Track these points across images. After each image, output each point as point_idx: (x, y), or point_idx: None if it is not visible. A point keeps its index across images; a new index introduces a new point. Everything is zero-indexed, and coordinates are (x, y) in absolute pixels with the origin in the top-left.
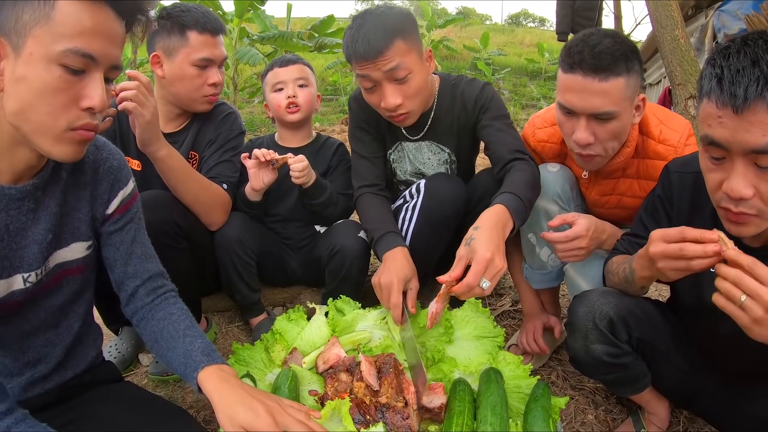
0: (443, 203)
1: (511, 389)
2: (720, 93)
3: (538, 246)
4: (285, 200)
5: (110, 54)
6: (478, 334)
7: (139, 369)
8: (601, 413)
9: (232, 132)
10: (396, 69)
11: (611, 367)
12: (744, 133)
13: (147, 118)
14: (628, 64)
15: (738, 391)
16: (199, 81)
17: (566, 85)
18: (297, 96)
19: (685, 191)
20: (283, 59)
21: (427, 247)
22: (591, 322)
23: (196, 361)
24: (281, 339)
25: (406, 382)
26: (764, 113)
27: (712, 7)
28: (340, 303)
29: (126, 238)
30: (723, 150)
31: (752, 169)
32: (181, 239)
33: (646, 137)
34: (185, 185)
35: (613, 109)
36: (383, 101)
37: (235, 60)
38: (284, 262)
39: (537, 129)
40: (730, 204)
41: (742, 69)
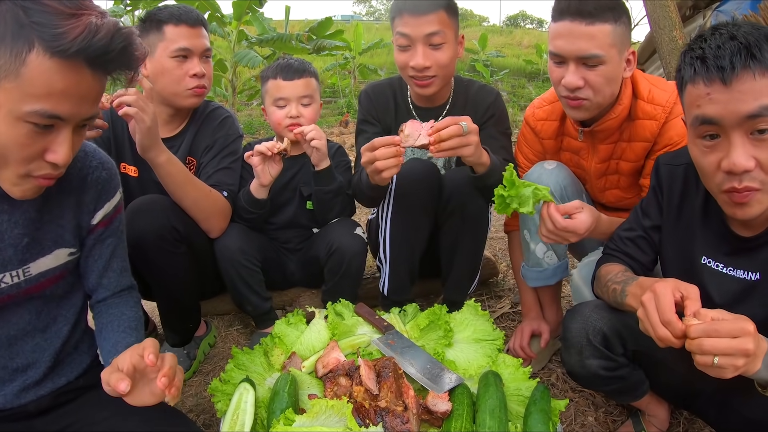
0: (415, 185)
1: (510, 392)
2: (706, 70)
3: (533, 243)
4: (285, 209)
5: (81, 113)
6: (477, 337)
7: None
8: (601, 415)
9: (229, 136)
10: (435, 34)
11: (608, 379)
12: (736, 102)
13: (148, 123)
14: (615, 14)
15: (733, 393)
16: (179, 73)
17: (555, 32)
18: (301, 116)
19: (675, 183)
20: (288, 68)
21: (406, 231)
22: (585, 339)
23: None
24: (280, 343)
25: (405, 386)
26: (751, 81)
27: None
28: (339, 307)
29: (105, 252)
30: (716, 127)
31: (749, 141)
32: (180, 244)
33: (636, 99)
34: (184, 191)
35: (600, 53)
36: (413, 60)
37: (233, 63)
38: (283, 264)
39: (536, 109)
40: (733, 182)
41: (723, 44)
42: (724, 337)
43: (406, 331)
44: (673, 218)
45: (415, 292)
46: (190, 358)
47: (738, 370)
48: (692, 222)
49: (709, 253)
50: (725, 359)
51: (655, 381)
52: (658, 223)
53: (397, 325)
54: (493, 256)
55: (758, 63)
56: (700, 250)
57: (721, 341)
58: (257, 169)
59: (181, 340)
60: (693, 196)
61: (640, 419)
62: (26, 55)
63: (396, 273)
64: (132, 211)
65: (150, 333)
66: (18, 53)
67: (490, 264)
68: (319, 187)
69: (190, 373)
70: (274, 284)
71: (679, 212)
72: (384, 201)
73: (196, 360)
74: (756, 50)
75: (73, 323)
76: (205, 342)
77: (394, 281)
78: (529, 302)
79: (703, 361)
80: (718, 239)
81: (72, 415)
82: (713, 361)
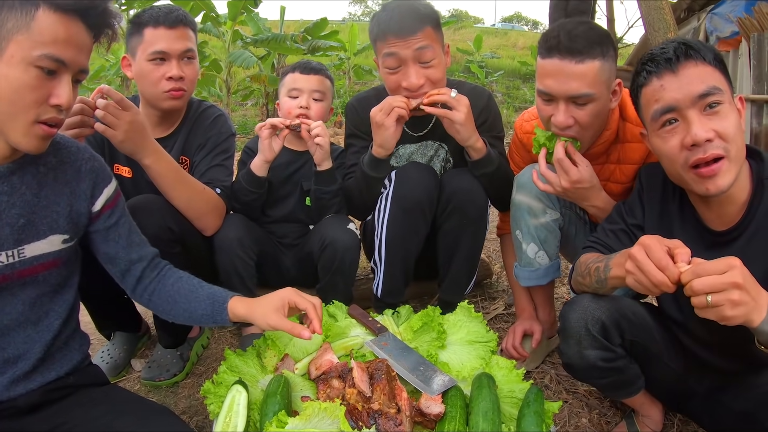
0: (414, 188)
1: (504, 394)
2: (656, 66)
3: (525, 243)
4: (285, 202)
5: (79, 60)
6: (471, 338)
7: (131, 374)
8: (595, 416)
9: (222, 135)
10: (424, 50)
11: (605, 371)
12: (687, 86)
13: (119, 138)
14: (603, 48)
15: (725, 390)
16: (156, 75)
17: (544, 71)
18: (310, 108)
19: (656, 188)
20: (306, 65)
21: (403, 234)
22: (584, 328)
23: (222, 297)
24: (273, 345)
25: (398, 388)
26: (694, 67)
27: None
28: (332, 308)
29: (123, 230)
30: (674, 112)
31: (704, 116)
32: (175, 244)
33: (625, 121)
34: (176, 190)
35: (591, 91)
36: (406, 80)
37: (228, 63)
38: (278, 260)
39: (524, 122)
40: (698, 153)
41: (665, 45)
42: (711, 274)
43: (400, 333)
44: (654, 217)
45: (409, 293)
46: (183, 360)
47: (736, 306)
48: (671, 223)
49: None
50: (718, 296)
51: (650, 378)
52: (641, 223)
53: (390, 327)
54: (487, 257)
55: (696, 53)
56: None
57: (708, 278)
58: (264, 143)
59: (174, 341)
60: (671, 200)
61: (633, 420)
62: (35, 12)
63: (390, 275)
64: None
65: (143, 335)
66: (27, 11)
67: (484, 265)
68: (318, 186)
69: (183, 374)
70: (269, 281)
71: (660, 214)
72: (381, 203)
73: (189, 361)
74: (692, 45)
75: (64, 318)
76: (198, 343)
77: (388, 283)
78: (522, 303)
79: (698, 303)
80: (695, 236)
81: (63, 414)
82: (707, 300)
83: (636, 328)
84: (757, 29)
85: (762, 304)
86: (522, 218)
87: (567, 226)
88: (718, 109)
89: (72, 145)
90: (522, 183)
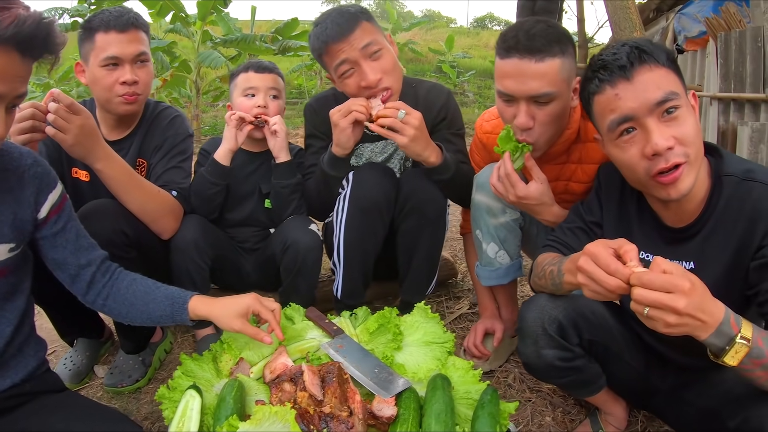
0: (371, 189)
1: (460, 395)
2: (609, 74)
3: (485, 243)
4: (243, 206)
5: (13, 91)
6: (427, 339)
7: (94, 381)
8: (558, 415)
9: (178, 136)
10: (369, 44)
11: (564, 370)
12: (643, 93)
13: (69, 142)
14: (562, 46)
15: (687, 387)
16: (109, 81)
17: (503, 71)
18: (268, 106)
19: (614, 186)
20: (259, 64)
21: (361, 235)
22: (540, 328)
23: (182, 297)
24: (229, 349)
25: (351, 391)
26: (649, 72)
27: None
28: (289, 311)
29: (70, 236)
30: (632, 121)
31: (662, 123)
32: (129, 249)
33: (586, 120)
34: (130, 194)
35: (551, 90)
36: (363, 80)
37: (197, 63)
38: (239, 265)
39: (484, 122)
40: (660, 163)
41: (617, 50)
42: (656, 291)
43: (356, 335)
44: (613, 216)
45: (373, 294)
46: (145, 365)
47: (670, 327)
48: (630, 220)
49: (647, 247)
50: (654, 312)
51: (612, 376)
52: (599, 220)
53: (347, 328)
54: (452, 256)
55: (649, 57)
56: (639, 245)
57: (650, 293)
58: (232, 131)
59: (135, 347)
60: (629, 198)
61: (597, 418)
62: None
63: (350, 277)
64: (80, 217)
65: (106, 341)
66: None
67: (449, 265)
68: (278, 180)
69: (145, 380)
70: (230, 285)
71: (619, 210)
72: (338, 204)
73: (152, 367)
74: (644, 49)
75: (16, 325)
76: (160, 348)
77: (348, 285)
78: (485, 301)
79: (635, 308)
80: (652, 234)
81: (20, 422)
82: (644, 310)
83: (594, 327)
84: (724, 29)
85: (711, 324)
86: (481, 218)
87: (528, 225)
88: (676, 114)
89: (14, 151)
90: (481, 183)
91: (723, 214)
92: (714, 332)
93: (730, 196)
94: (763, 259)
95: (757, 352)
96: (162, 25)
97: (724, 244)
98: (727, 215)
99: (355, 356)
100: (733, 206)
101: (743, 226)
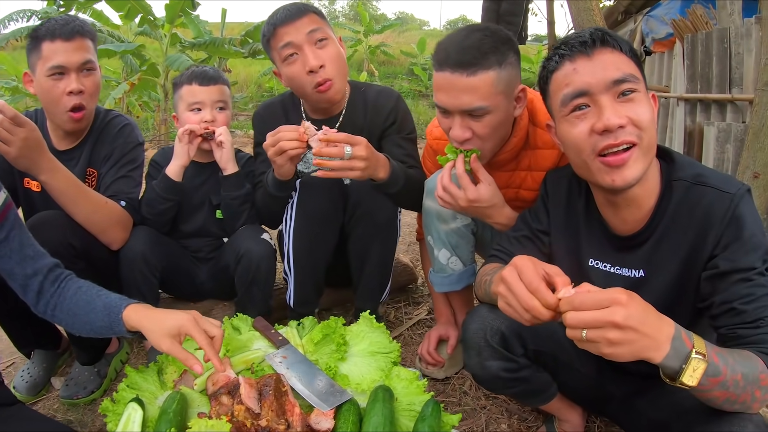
0: (317, 197)
1: (403, 407)
2: (570, 49)
3: (436, 248)
4: (195, 216)
5: None
6: (372, 350)
7: (51, 393)
8: (515, 422)
9: (128, 145)
10: (316, 31)
11: (510, 381)
12: (602, 71)
13: (13, 154)
14: (500, 56)
15: (639, 396)
16: (56, 92)
17: (437, 84)
18: (215, 120)
19: (560, 192)
20: (203, 75)
21: (310, 244)
22: (483, 339)
23: (117, 307)
24: (174, 361)
25: (289, 403)
26: (610, 54)
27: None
28: (236, 321)
29: (14, 245)
30: (586, 97)
31: (617, 102)
32: (77, 260)
33: (535, 127)
34: (76, 206)
35: (484, 104)
36: (306, 64)
37: (165, 67)
38: (192, 274)
39: (434, 127)
40: (609, 139)
41: (581, 32)
42: (590, 309)
43: (302, 345)
44: (560, 224)
45: (331, 301)
46: (100, 377)
47: (614, 345)
48: (577, 227)
49: (595, 255)
50: (594, 332)
51: (564, 384)
52: (546, 228)
53: (293, 339)
54: (411, 262)
55: (612, 42)
56: (587, 253)
57: (584, 313)
58: (183, 147)
59: (90, 358)
60: (576, 203)
61: (554, 425)
62: None
63: (301, 285)
64: (28, 228)
65: (63, 352)
66: None
67: (408, 270)
68: (227, 192)
69: (100, 391)
70: (185, 295)
71: (566, 218)
72: (287, 213)
73: (107, 378)
74: (607, 35)
75: None
76: (116, 359)
77: (300, 293)
78: (440, 308)
79: (572, 335)
80: (601, 241)
81: None
82: (582, 334)
83: (540, 337)
84: (691, 30)
85: (662, 341)
86: (432, 224)
87: (481, 230)
88: (633, 97)
89: None
90: (431, 189)
91: (673, 221)
92: (669, 352)
93: (680, 201)
94: (715, 269)
95: (714, 369)
96: (132, 28)
97: (675, 251)
98: (677, 221)
99: (297, 368)
100: (683, 212)
101: (694, 232)
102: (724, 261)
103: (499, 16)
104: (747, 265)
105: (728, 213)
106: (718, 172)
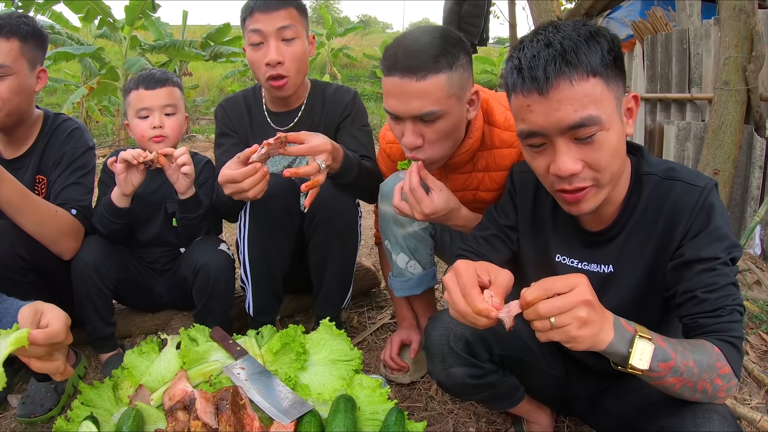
0: (270, 203)
1: (366, 416)
2: (522, 82)
3: (394, 253)
4: (149, 225)
5: None
6: (333, 358)
7: (8, 411)
8: (483, 425)
9: (77, 150)
10: (287, 28)
11: (476, 387)
12: (555, 113)
13: None
14: (450, 59)
15: (605, 394)
16: None
17: (386, 90)
18: (164, 126)
19: (528, 187)
20: (150, 78)
21: (264, 252)
22: (446, 346)
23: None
24: (129, 375)
25: (248, 417)
26: (569, 88)
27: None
28: (193, 332)
29: None
30: (542, 137)
31: (574, 145)
32: (27, 272)
33: (491, 126)
34: (24, 216)
35: (436, 109)
36: (267, 56)
37: (124, 71)
38: (149, 286)
39: (387, 131)
40: (563, 184)
41: (538, 53)
42: (557, 294)
43: (261, 356)
44: (528, 220)
45: (293, 307)
46: (57, 393)
47: (584, 325)
48: (545, 222)
49: (563, 250)
50: (564, 316)
51: (531, 386)
52: (514, 224)
53: (251, 349)
54: (373, 265)
55: (574, 68)
56: (555, 248)
57: (555, 300)
58: (120, 177)
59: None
60: (544, 198)
61: (523, 427)
62: None
63: (259, 293)
64: None
65: (20, 368)
66: None
67: (370, 274)
68: (184, 214)
69: (58, 408)
70: (141, 307)
71: (533, 214)
72: (240, 219)
73: (65, 394)
74: (572, 56)
75: None
76: (74, 373)
77: (259, 302)
78: (402, 312)
79: (540, 326)
80: (569, 237)
81: None
82: (551, 320)
83: (505, 341)
84: (651, 32)
85: (609, 323)
86: (389, 228)
87: (440, 233)
88: (592, 140)
89: None
90: (386, 192)
91: (643, 215)
92: (614, 337)
93: (650, 195)
94: (680, 258)
95: (662, 352)
96: (92, 30)
97: (644, 245)
98: (646, 215)
99: (256, 379)
100: (652, 206)
101: (663, 226)
102: (690, 249)
103: (461, 17)
104: (711, 254)
105: (698, 204)
106: (687, 168)
